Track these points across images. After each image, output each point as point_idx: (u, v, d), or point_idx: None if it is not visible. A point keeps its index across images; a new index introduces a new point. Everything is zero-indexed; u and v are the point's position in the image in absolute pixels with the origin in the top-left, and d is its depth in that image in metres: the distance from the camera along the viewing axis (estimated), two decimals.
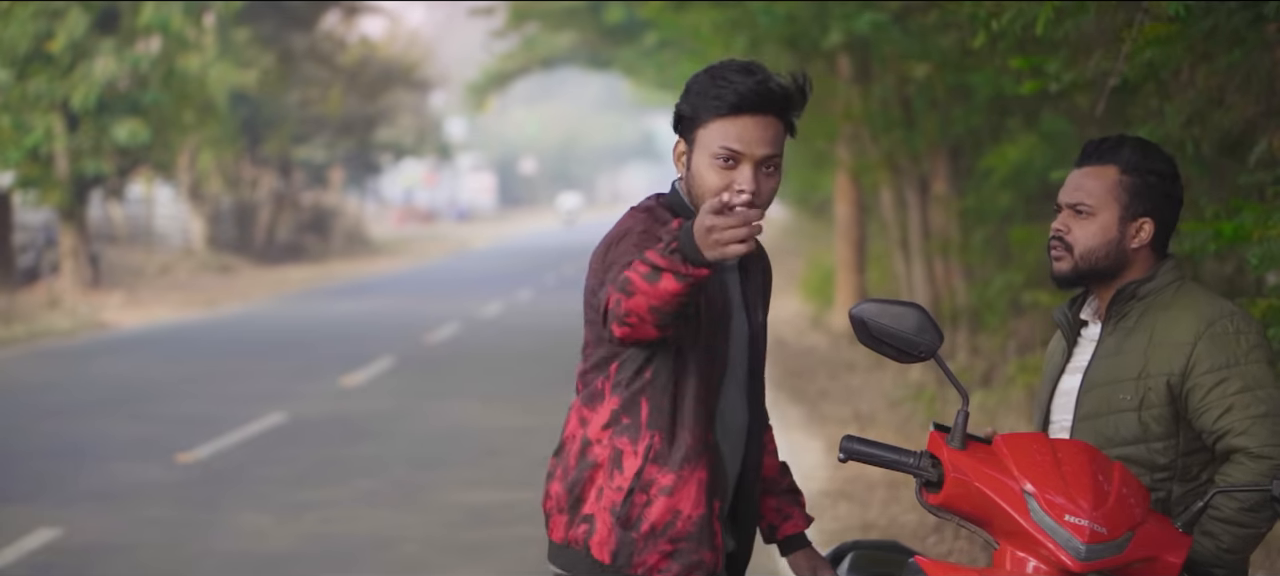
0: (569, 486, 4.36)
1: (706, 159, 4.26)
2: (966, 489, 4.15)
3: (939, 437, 4.21)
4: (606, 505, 4.30)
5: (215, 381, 19.63)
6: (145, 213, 49.89)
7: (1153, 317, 4.53)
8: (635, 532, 4.29)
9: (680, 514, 4.30)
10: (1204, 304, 4.51)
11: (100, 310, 30.41)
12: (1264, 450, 4.37)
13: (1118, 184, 4.55)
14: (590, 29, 44.33)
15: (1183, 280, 4.59)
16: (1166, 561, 4.16)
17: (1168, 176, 4.57)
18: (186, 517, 11.43)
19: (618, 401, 4.31)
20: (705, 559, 4.33)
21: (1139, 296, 4.56)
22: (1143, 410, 4.48)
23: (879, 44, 17.34)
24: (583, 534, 4.32)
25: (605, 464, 4.32)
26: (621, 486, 4.29)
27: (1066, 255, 4.59)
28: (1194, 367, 4.44)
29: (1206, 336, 4.45)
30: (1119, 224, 4.55)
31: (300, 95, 51.04)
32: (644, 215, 4.33)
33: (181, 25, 31.66)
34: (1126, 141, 4.58)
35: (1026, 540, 4.09)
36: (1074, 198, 4.58)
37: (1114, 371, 4.54)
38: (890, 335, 4.27)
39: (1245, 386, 4.40)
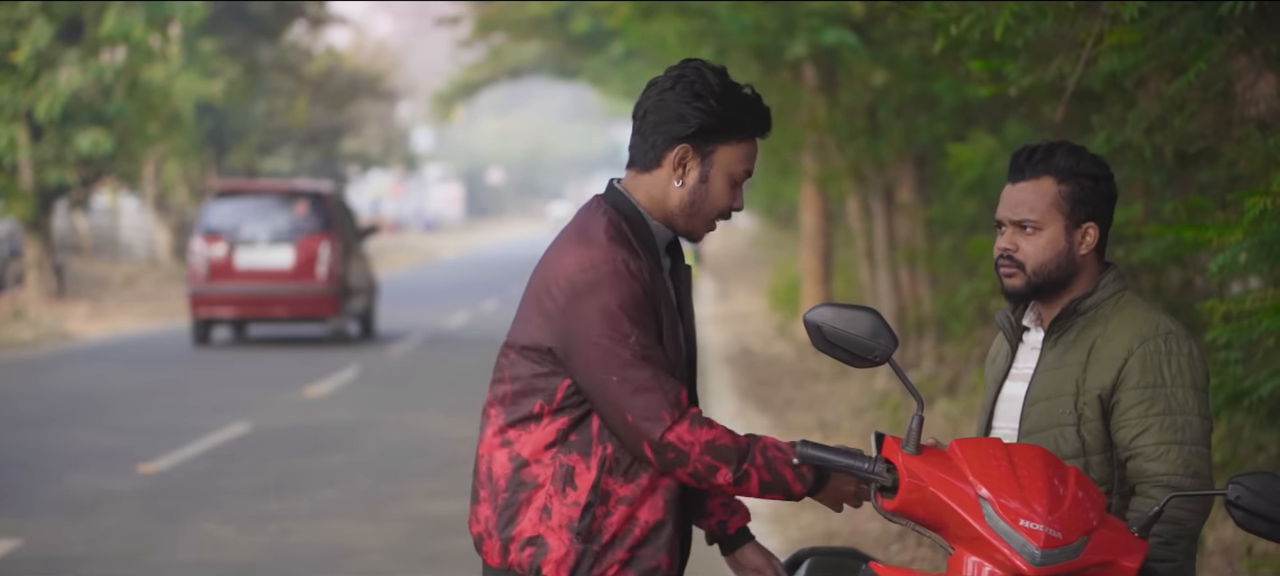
0: (500, 508, 4.29)
1: (725, 177, 4.29)
2: (921, 494, 4.13)
3: (894, 443, 4.19)
4: (560, 523, 4.24)
5: (178, 392, 19.55)
6: (111, 223, 49.72)
7: (1093, 332, 4.54)
8: (596, 544, 4.25)
9: (638, 521, 4.27)
10: (1140, 320, 4.50)
11: (64, 321, 30.29)
12: (1171, 478, 4.38)
13: (1058, 194, 4.52)
14: (557, 38, 44.28)
15: (1124, 292, 4.58)
16: (1122, 566, 4.14)
17: (1102, 178, 4.56)
18: (147, 528, 11.36)
19: (565, 420, 4.24)
20: (663, 564, 4.32)
21: (1080, 311, 4.57)
22: (1081, 426, 4.49)
23: (843, 55, 17.35)
24: (531, 557, 4.26)
25: (549, 482, 4.25)
26: (578, 501, 4.24)
27: (1018, 272, 4.58)
28: (1122, 382, 4.45)
29: (1137, 353, 4.45)
30: (1066, 234, 4.54)
31: (266, 106, 50.91)
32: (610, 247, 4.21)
33: (144, 35, 31.51)
34: (1056, 149, 4.55)
35: (982, 545, 4.07)
36: (1017, 214, 4.56)
37: (1055, 386, 4.54)
38: (845, 339, 4.25)
39: (1166, 409, 4.41)
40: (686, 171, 4.28)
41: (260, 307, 26.32)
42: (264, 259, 26.30)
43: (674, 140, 4.26)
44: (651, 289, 4.22)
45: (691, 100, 4.23)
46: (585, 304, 4.17)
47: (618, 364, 4.15)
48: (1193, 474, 4.38)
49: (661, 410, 4.14)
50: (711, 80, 4.24)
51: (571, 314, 4.18)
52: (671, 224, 4.34)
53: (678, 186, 4.29)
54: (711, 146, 4.26)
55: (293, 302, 26.30)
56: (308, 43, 54.13)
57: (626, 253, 4.20)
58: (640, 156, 4.33)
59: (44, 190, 32.68)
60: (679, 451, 4.14)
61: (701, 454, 4.13)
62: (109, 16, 30.76)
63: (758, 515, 11.16)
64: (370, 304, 28.36)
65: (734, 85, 4.26)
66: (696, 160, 4.27)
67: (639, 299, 4.17)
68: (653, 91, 4.30)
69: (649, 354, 4.16)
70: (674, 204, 4.30)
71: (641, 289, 4.18)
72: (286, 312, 26.47)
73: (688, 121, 4.24)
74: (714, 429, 4.16)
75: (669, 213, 4.32)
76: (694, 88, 4.23)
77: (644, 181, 4.33)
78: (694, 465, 4.14)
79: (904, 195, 20.05)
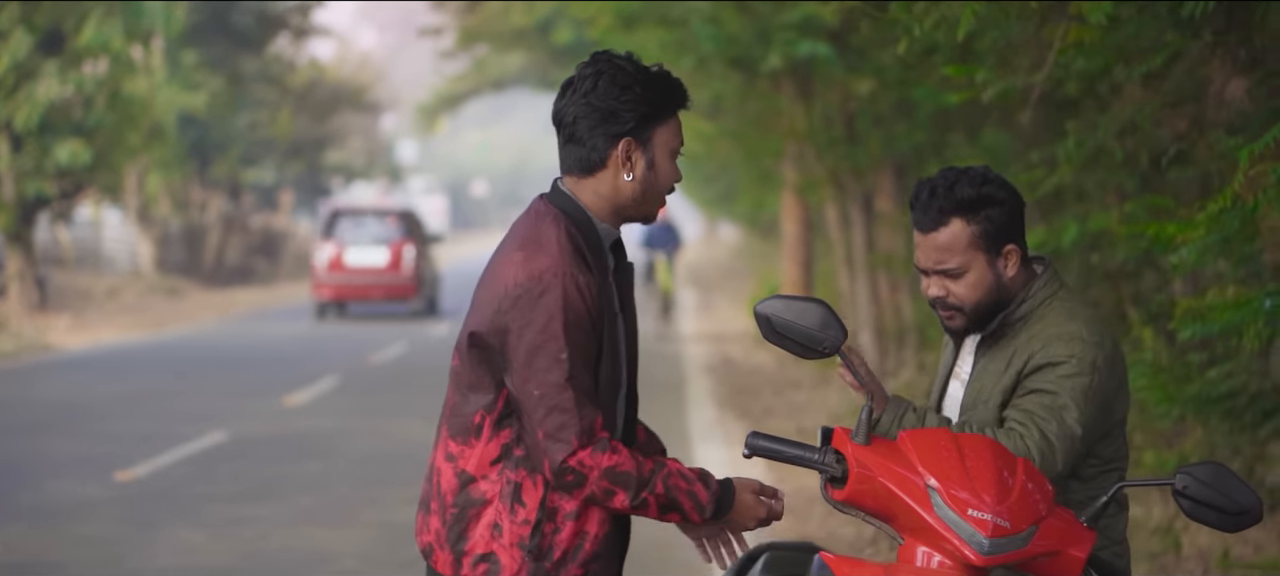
0: (449, 523, 4.31)
1: (667, 155, 4.35)
2: (871, 484, 4.17)
3: (844, 434, 4.23)
4: (512, 541, 4.26)
5: (158, 401, 19.54)
6: (93, 236, 49.65)
7: (1017, 340, 4.63)
8: (547, 562, 4.27)
9: (588, 534, 4.30)
10: (1052, 325, 4.58)
11: (46, 332, 30.24)
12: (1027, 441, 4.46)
13: (971, 235, 4.57)
14: (539, 50, 44.21)
15: (1053, 297, 4.64)
16: (1070, 555, 4.19)
17: (1005, 198, 4.60)
18: (123, 535, 11.38)
19: (508, 434, 4.27)
20: (612, 572, 4.39)
21: (1009, 322, 4.66)
22: (990, 432, 4.53)
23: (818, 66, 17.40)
24: (484, 574, 4.28)
25: (497, 499, 4.27)
26: (527, 519, 4.26)
27: (958, 314, 4.67)
28: (1022, 382, 4.56)
29: (1038, 356, 4.55)
30: (990, 267, 4.60)
31: (249, 118, 50.88)
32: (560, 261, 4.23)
33: (123, 46, 31.49)
34: (955, 183, 4.57)
35: (931, 535, 4.12)
36: (941, 264, 4.61)
37: (982, 394, 4.64)
38: (794, 331, 4.30)
39: (1046, 392, 4.50)
40: (634, 164, 4.33)
41: (362, 293, 35.70)
42: (366, 258, 35.63)
43: (614, 138, 4.30)
44: (597, 306, 4.25)
45: (619, 95, 4.28)
46: (529, 312, 4.20)
47: (543, 380, 4.18)
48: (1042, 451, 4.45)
49: (571, 434, 4.17)
50: (629, 69, 4.29)
51: (514, 317, 4.22)
52: (624, 215, 4.38)
53: (628, 179, 4.33)
54: (649, 132, 4.32)
55: (386, 289, 35.59)
56: (291, 54, 54.10)
57: (577, 267, 4.23)
58: (580, 161, 4.34)
59: (25, 202, 32.63)
60: (578, 475, 4.18)
61: (600, 478, 4.18)
62: (88, 27, 30.73)
63: None
64: (435, 290, 37.51)
65: (646, 69, 4.32)
66: (640, 150, 4.32)
67: (582, 318, 4.20)
68: (574, 96, 4.31)
69: (575, 376, 4.18)
70: (626, 197, 4.35)
71: (586, 308, 4.21)
72: (381, 296, 35.73)
73: (623, 117, 4.29)
74: (618, 455, 4.20)
75: (620, 206, 4.36)
76: (617, 82, 4.27)
77: (589, 183, 4.35)
78: (591, 488, 4.19)
79: (882, 203, 20.10)
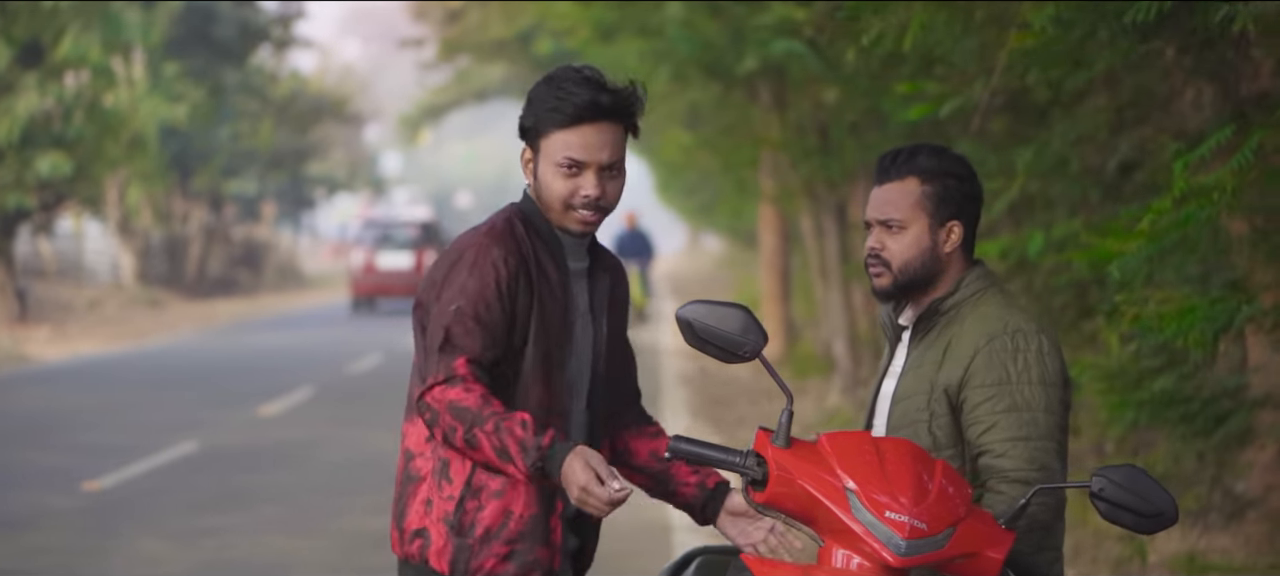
0: (396, 499, 4.45)
1: (551, 167, 4.39)
2: (790, 487, 4.18)
3: (765, 437, 4.25)
4: (438, 516, 4.37)
5: (131, 412, 19.54)
6: (75, 247, 49.60)
7: (951, 331, 4.59)
8: (470, 538, 4.35)
9: (512, 514, 4.37)
10: (993, 317, 4.55)
11: (23, 344, 30.21)
12: (1018, 473, 4.42)
13: (922, 193, 4.59)
14: (521, 61, 44.30)
15: (986, 290, 4.62)
16: (988, 557, 4.20)
17: (966, 177, 4.63)
18: (84, 545, 11.37)
19: None
20: (541, 557, 4.41)
21: (942, 311, 4.62)
22: (933, 422, 4.54)
23: (793, 69, 17.42)
24: (419, 548, 4.39)
25: (430, 476, 4.39)
26: (452, 495, 4.36)
27: (885, 271, 4.64)
28: (969, 380, 4.50)
29: (985, 350, 4.50)
30: (930, 232, 4.60)
31: (231, 129, 50.86)
32: (483, 237, 4.39)
33: (101, 58, 31.48)
34: (920, 151, 4.62)
35: (849, 537, 4.13)
36: (883, 214, 4.62)
37: (913, 385, 4.61)
38: (716, 335, 4.31)
39: (1012, 406, 4.45)
40: (533, 168, 4.44)
41: (391, 290, 41.43)
42: (394, 262, 41.89)
43: (522, 143, 4.46)
44: (512, 282, 4.35)
45: (526, 103, 4.44)
46: (444, 271, 4.36)
47: (433, 326, 4.33)
48: (1039, 468, 4.42)
49: (434, 372, 4.26)
50: (541, 83, 4.42)
51: (431, 277, 4.39)
52: (553, 220, 4.46)
53: (528, 185, 4.48)
54: (538, 142, 4.41)
55: (411, 288, 39.48)
56: (273, 66, 54.10)
57: (501, 250, 4.35)
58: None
59: (5, 214, 32.60)
60: (433, 411, 4.25)
61: (445, 413, 4.22)
62: (66, 39, 30.72)
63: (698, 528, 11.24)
64: None
65: (554, 77, 4.39)
66: (533, 157, 4.44)
67: (487, 285, 4.31)
68: None
69: (456, 327, 4.28)
70: (541, 202, 4.46)
71: (495, 280, 4.32)
72: (407, 293, 39.80)
73: (522, 122, 4.44)
74: (467, 393, 4.23)
75: (544, 211, 4.46)
76: (530, 92, 4.43)
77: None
78: (441, 425, 4.24)
79: (856, 213, 20.13)
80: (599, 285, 4.54)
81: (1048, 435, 4.45)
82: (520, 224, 4.43)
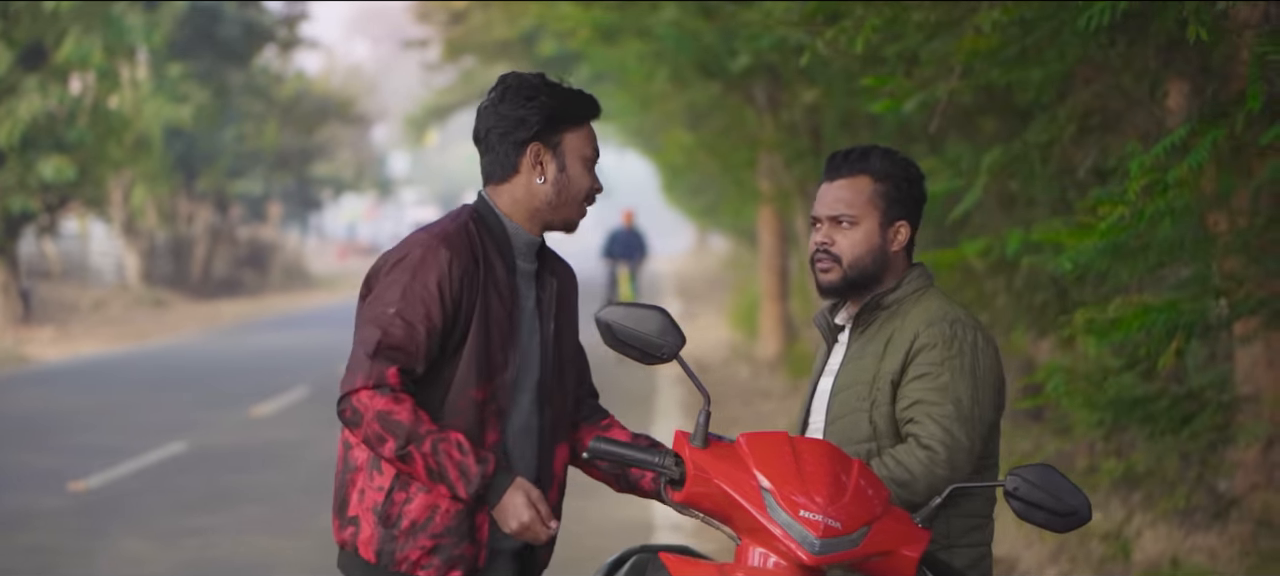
0: (337, 489, 4.55)
1: (580, 162, 4.55)
2: (707, 486, 4.26)
3: (683, 437, 4.32)
4: (369, 505, 4.46)
5: (124, 412, 19.61)
6: (80, 248, 49.70)
7: (893, 324, 4.68)
8: (396, 530, 4.44)
9: (438, 509, 4.45)
10: (934, 309, 4.65)
11: (26, 345, 30.29)
12: (929, 442, 4.52)
13: (873, 192, 4.68)
14: (525, 62, 44.30)
15: (927, 288, 4.73)
16: (903, 555, 4.27)
17: (914, 180, 4.73)
18: (67, 545, 11.44)
19: None
20: (465, 553, 4.48)
21: (883, 305, 4.71)
22: (873, 410, 4.62)
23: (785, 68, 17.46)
24: (351, 535, 4.50)
25: (364, 466, 4.48)
26: (382, 486, 4.45)
27: (835, 266, 4.72)
28: (909, 365, 4.60)
29: (924, 335, 4.60)
30: (880, 230, 4.69)
31: (236, 130, 50.92)
32: (434, 237, 4.45)
33: (103, 60, 31.54)
34: (873, 151, 4.72)
35: (765, 535, 4.20)
36: (834, 209, 4.71)
37: (854, 376, 4.69)
38: (634, 337, 4.39)
39: (940, 386, 4.54)
40: (545, 167, 4.53)
41: None
42: None
43: (523, 144, 4.51)
44: (458, 286, 4.42)
45: (525, 103, 4.50)
46: (389, 268, 4.45)
47: (367, 319, 4.41)
48: (950, 446, 4.51)
49: (360, 373, 4.34)
50: (534, 82, 4.53)
51: (377, 267, 4.49)
52: (543, 221, 4.57)
53: (541, 183, 4.54)
54: (558, 137, 4.53)
55: None
56: (278, 67, 54.15)
57: (449, 252, 4.43)
58: (496, 169, 4.56)
59: (9, 217, 32.69)
60: (356, 412, 4.33)
61: (372, 420, 4.31)
62: (67, 42, 30.80)
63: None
64: None
65: (555, 83, 4.54)
66: (550, 154, 4.53)
67: (429, 290, 4.39)
68: (487, 111, 4.56)
69: (392, 328, 4.36)
70: (541, 200, 4.54)
71: (438, 284, 4.39)
72: None
73: (529, 123, 4.50)
74: (397, 405, 4.32)
75: (536, 211, 4.55)
76: (522, 92, 4.52)
77: (505, 190, 4.57)
78: (365, 430, 4.32)
79: None
80: (547, 287, 4.64)
81: (968, 420, 4.54)
82: (474, 225, 4.52)
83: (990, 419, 4.59)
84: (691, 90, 22.17)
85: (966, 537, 4.66)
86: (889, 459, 4.53)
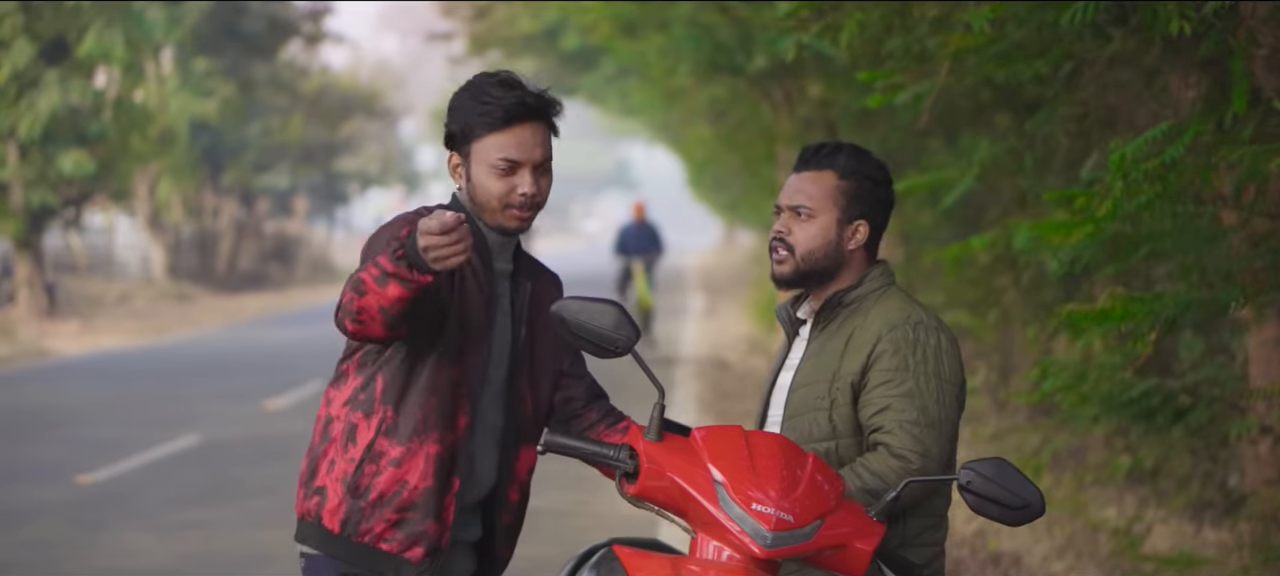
0: (310, 461, 4.59)
1: (486, 169, 4.53)
2: (661, 480, 4.25)
3: (638, 430, 4.32)
4: (338, 476, 4.51)
5: (137, 406, 19.66)
6: (106, 242, 49.87)
7: (853, 323, 4.66)
8: (363, 501, 4.49)
9: (407, 484, 4.50)
10: (895, 309, 4.62)
11: (49, 338, 30.40)
12: (902, 452, 4.49)
13: (836, 188, 4.67)
14: (549, 56, 44.31)
15: (888, 287, 4.70)
16: (857, 548, 4.25)
17: (881, 182, 4.70)
18: (70, 537, 11.47)
19: (360, 380, 4.53)
20: (430, 530, 4.52)
21: (845, 303, 4.69)
22: (832, 410, 4.60)
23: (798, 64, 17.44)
24: (315, 505, 4.54)
25: (339, 437, 4.53)
26: (354, 457, 4.50)
27: (789, 256, 4.71)
28: (871, 367, 4.57)
29: (886, 338, 4.57)
30: (837, 226, 4.67)
31: (261, 124, 51.03)
32: (411, 212, 4.51)
33: (124, 55, 31.62)
34: (842, 148, 4.71)
35: (718, 528, 4.19)
36: (794, 200, 4.70)
37: (814, 373, 4.67)
38: (588, 331, 4.38)
39: (907, 392, 4.52)
40: (459, 174, 4.60)
41: None
42: None
43: (448, 150, 4.60)
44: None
45: (450, 111, 4.58)
46: (371, 238, 4.50)
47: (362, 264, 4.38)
48: (922, 453, 4.49)
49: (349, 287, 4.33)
50: (463, 91, 4.56)
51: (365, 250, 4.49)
52: (483, 221, 4.60)
53: (459, 188, 4.62)
54: (467, 146, 4.56)
55: None
56: (304, 61, 54.27)
57: (403, 221, 4.47)
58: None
59: (31, 211, 32.81)
60: (341, 305, 4.33)
61: (347, 290, 4.31)
62: (89, 37, 30.90)
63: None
64: None
65: (474, 84, 4.53)
66: (463, 162, 4.58)
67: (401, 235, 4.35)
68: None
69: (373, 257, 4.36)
70: (470, 205, 4.59)
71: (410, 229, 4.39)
72: None
73: (448, 130, 4.59)
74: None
75: (475, 213, 4.59)
76: (453, 101, 4.58)
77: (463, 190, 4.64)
78: (344, 306, 4.32)
79: None
80: (521, 290, 4.67)
81: (935, 424, 4.52)
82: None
83: (954, 420, 4.58)
84: (713, 85, 22.18)
85: (922, 537, 4.66)
86: (862, 469, 4.50)
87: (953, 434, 4.59)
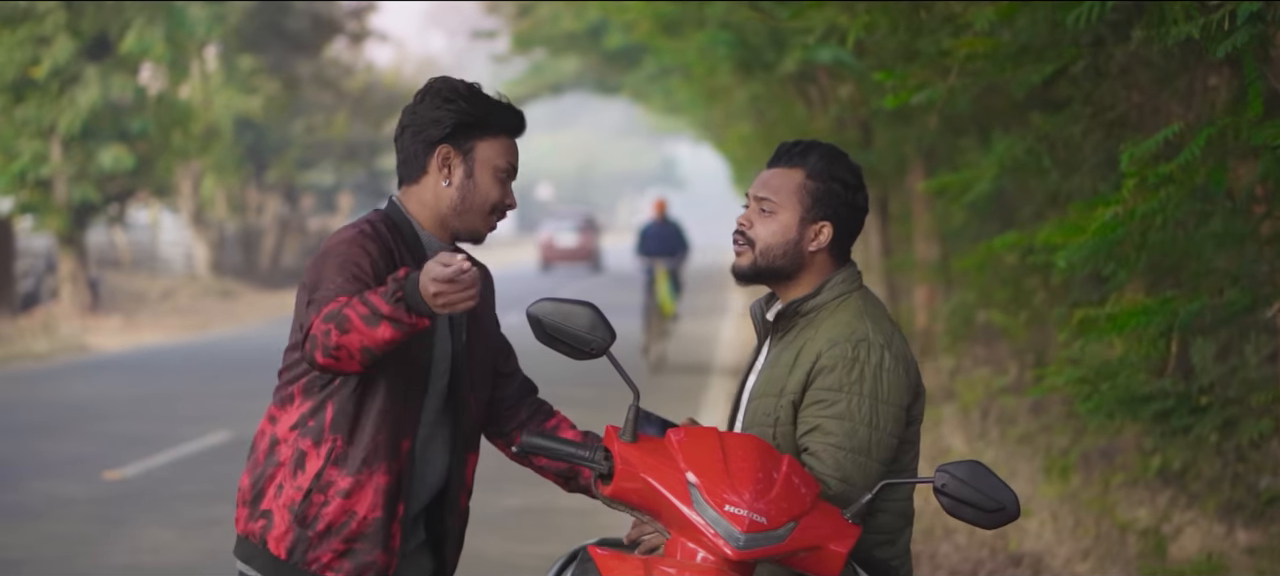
0: (254, 480, 4.53)
1: (491, 173, 4.52)
2: (635, 481, 4.25)
3: (613, 432, 4.31)
4: (285, 503, 4.46)
5: (171, 401, 19.72)
6: (150, 238, 50.10)
7: (806, 335, 4.58)
8: (311, 531, 4.45)
9: (355, 515, 4.47)
10: (842, 325, 4.53)
11: (91, 333, 30.54)
12: (827, 477, 4.42)
13: (802, 187, 4.61)
14: (593, 54, 44.38)
15: (847, 295, 4.61)
16: (831, 550, 4.24)
17: (851, 186, 4.62)
18: (92, 533, 11.51)
19: (308, 405, 4.47)
20: (378, 560, 4.50)
21: (801, 312, 4.62)
22: (776, 427, 4.54)
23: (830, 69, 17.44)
24: (261, 528, 4.50)
25: (288, 463, 4.48)
26: (302, 486, 4.46)
27: (748, 250, 4.66)
28: (810, 384, 4.50)
29: (826, 355, 4.49)
30: (799, 225, 4.60)
31: (306, 121, 51.19)
32: (355, 232, 4.46)
33: (164, 52, 31.76)
34: (816, 148, 4.65)
35: (691, 530, 4.19)
36: (760, 192, 4.65)
37: (766, 386, 4.61)
38: (563, 333, 4.37)
39: (836, 413, 4.45)
40: (452, 171, 4.50)
41: (564, 259, 63.14)
42: (566, 240, 63.62)
43: (433, 144, 4.49)
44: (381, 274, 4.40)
45: (442, 105, 4.47)
46: (317, 271, 4.41)
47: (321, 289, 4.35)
48: (842, 478, 4.42)
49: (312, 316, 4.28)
50: (458, 87, 4.50)
51: (310, 270, 4.43)
52: (448, 226, 4.55)
53: (446, 186, 4.51)
54: (470, 143, 4.50)
55: (576, 256, 63.19)
56: (348, 58, 54.41)
57: (371, 243, 4.43)
58: (406, 170, 4.55)
59: (74, 206, 32.99)
60: (312, 339, 4.25)
61: (319, 322, 4.24)
62: (130, 34, 31.06)
63: None
64: (600, 258, 64.18)
65: (479, 90, 4.51)
66: (459, 158, 4.50)
67: (360, 261, 4.37)
68: (407, 110, 4.54)
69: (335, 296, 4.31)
70: (446, 205, 4.52)
71: (367, 257, 4.39)
72: (573, 260, 63.15)
73: (442, 123, 4.47)
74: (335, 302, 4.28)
75: (442, 216, 4.53)
76: (442, 94, 4.49)
77: (414, 192, 4.55)
78: (319, 340, 4.24)
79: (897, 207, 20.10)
80: None
81: (863, 448, 4.44)
82: (386, 228, 4.51)
83: (891, 443, 4.47)
84: (751, 83, 22.16)
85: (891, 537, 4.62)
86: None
87: (886, 456, 4.48)
